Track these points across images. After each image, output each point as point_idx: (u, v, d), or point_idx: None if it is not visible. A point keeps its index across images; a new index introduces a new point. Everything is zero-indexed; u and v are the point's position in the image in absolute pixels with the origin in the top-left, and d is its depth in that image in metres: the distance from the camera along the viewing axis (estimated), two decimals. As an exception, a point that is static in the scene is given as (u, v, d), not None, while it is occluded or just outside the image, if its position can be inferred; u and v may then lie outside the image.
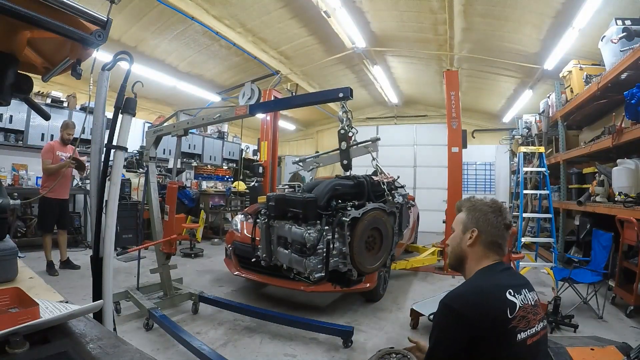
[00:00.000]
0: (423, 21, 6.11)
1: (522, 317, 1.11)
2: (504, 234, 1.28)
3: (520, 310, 1.11)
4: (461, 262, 1.31)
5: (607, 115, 5.17)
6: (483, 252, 1.26)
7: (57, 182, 4.37)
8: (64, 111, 6.39)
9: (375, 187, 1.82)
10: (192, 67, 7.72)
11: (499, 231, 1.26)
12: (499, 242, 1.27)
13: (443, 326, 1.15)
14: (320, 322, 3.01)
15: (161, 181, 6.47)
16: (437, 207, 8.84)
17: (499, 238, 1.26)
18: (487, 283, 1.17)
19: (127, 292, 3.33)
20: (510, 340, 1.08)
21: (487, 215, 1.27)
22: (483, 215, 1.28)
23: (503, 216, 1.28)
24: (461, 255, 1.30)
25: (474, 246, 1.27)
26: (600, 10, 4.32)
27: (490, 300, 1.11)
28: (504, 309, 1.09)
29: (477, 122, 10.58)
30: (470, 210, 1.32)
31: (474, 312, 1.09)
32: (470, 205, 1.33)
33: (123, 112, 1.56)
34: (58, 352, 0.67)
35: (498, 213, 1.28)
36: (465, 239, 1.28)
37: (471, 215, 1.30)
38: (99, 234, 1.48)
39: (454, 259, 1.34)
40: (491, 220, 1.27)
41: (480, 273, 1.23)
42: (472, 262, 1.27)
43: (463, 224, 1.32)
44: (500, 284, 1.16)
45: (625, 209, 3.64)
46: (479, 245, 1.26)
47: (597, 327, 3.25)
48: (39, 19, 0.93)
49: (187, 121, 3.04)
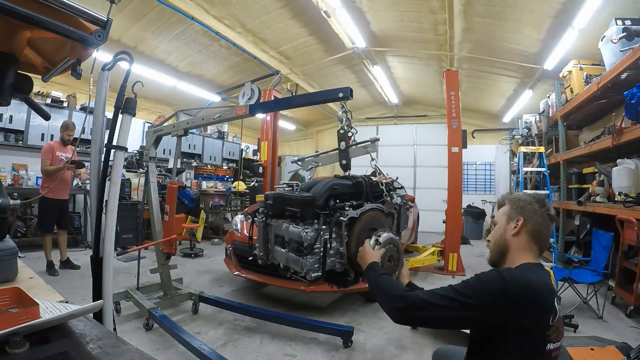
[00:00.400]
0: (423, 21, 6.11)
1: (557, 329, 1.07)
2: (549, 225, 1.23)
3: (557, 321, 1.07)
4: (503, 255, 1.24)
5: (607, 115, 5.17)
6: (527, 242, 1.20)
7: (56, 183, 4.37)
8: (64, 111, 6.39)
9: (374, 187, 1.81)
10: (192, 67, 7.72)
11: (544, 220, 1.22)
12: (544, 232, 1.22)
13: (485, 283, 1.06)
14: (320, 322, 3.01)
15: (161, 181, 6.47)
16: (437, 207, 8.84)
17: (544, 228, 1.22)
18: (541, 282, 1.08)
19: (127, 292, 3.33)
20: (540, 347, 1.04)
21: (532, 205, 1.24)
22: (528, 204, 1.24)
23: (547, 207, 1.24)
24: (504, 247, 1.24)
25: (518, 235, 1.21)
26: (600, 10, 4.32)
27: (543, 299, 1.05)
28: (550, 314, 1.05)
29: (477, 122, 10.57)
30: (514, 202, 1.28)
31: (523, 300, 1.02)
32: (514, 197, 1.30)
33: (123, 112, 1.56)
34: (58, 352, 0.67)
35: (542, 204, 1.24)
36: (510, 228, 1.23)
37: (515, 205, 1.26)
38: (99, 234, 1.48)
39: (496, 252, 1.26)
40: (536, 209, 1.22)
41: (530, 267, 1.15)
42: (514, 254, 1.21)
43: (507, 214, 1.27)
44: (550, 288, 1.09)
45: (625, 209, 3.64)
46: (524, 235, 1.21)
47: (597, 327, 3.25)
48: (39, 19, 0.93)
49: (187, 121, 3.04)
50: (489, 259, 1.30)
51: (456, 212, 5.57)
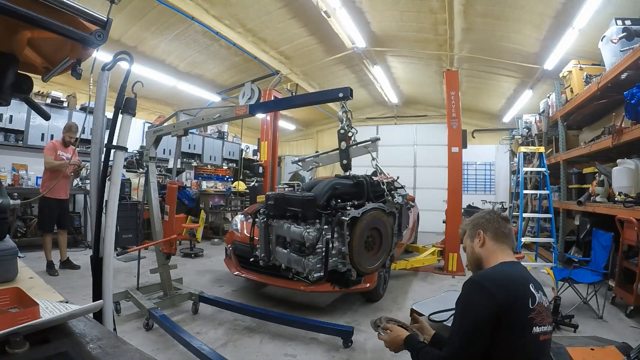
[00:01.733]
0: (423, 21, 6.11)
1: (539, 313, 1.16)
2: (505, 224, 1.41)
3: (538, 305, 1.17)
4: (480, 266, 1.39)
5: (607, 115, 5.17)
6: (495, 245, 1.37)
7: (56, 182, 4.37)
8: (64, 111, 6.39)
9: (374, 187, 1.81)
10: (192, 67, 7.72)
11: (499, 223, 1.40)
12: (504, 231, 1.39)
13: (471, 301, 1.20)
14: (320, 322, 3.01)
15: (161, 181, 6.47)
16: (437, 207, 8.84)
17: (503, 228, 1.39)
18: (513, 271, 1.25)
19: (127, 292, 3.33)
20: (526, 330, 1.13)
21: (484, 217, 1.44)
22: (481, 219, 1.45)
23: (497, 213, 1.45)
24: (478, 259, 1.40)
25: (484, 245, 1.39)
26: (600, 10, 4.32)
27: (516, 285, 1.19)
28: (526, 297, 1.16)
29: (477, 122, 10.57)
30: (469, 224, 1.48)
31: (502, 291, 1.15)
32: (467, 222, 1.51)
33: (123, 112, 1.56)
34: (58, 352, 0.67)
35: (492, 213, 1.45)
36: (476, 244, 1.41)
37: (471, 225, 1.46)
38: (99, 234, 1.48)
39: (473, 266, 1.44)
40: (489, 218, 1.43)
41: (503, 264, 1.30)
42: (488, 260, 1.36)
43: (470, 236, 1.46)
44: (524, 276, 1.25)
45: (625, 209, 3.64)
46: (489, 242, 1.38)
47: (597, 327, 3.25)
48: (39, 19, 0.93)
49: (187, 121, 3.04)
50: (472, 271, 1.46)
51: (456, 212, 5.57)
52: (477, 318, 1.16)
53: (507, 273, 1.23)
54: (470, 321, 1.17)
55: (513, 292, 1.16)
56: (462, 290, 1.25)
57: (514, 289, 1.17)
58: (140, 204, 6.34)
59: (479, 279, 1.22)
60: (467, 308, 1.20)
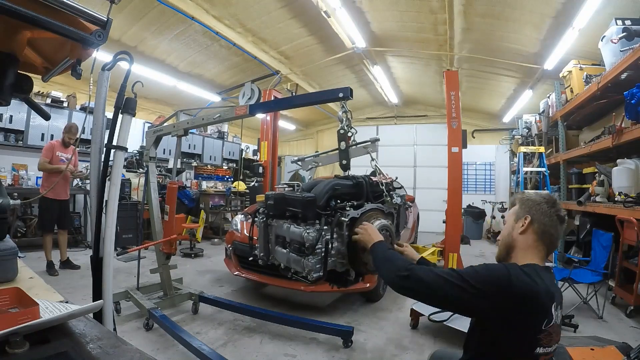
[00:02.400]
0: (423, 21, 6.11)
1: (549, 334, 1.07)
2: (558, 226, 1.22)
3: (552, 326, 1.07)
4: (509, 252, 1.25)
5: (607, 115, 5.17)
6: (534, 241, 1.21)
7: (56, 183, 4.38)
8: (64, 111, 6.39)
9: (374, 187, 1.82)
10: (192, 67, 7.72)
11: (552, 221, 1.21)
12: (552, 232, 1.21)
13: (491, 271, 1.09)
14: (320, 322, 3.01)
15: (161, 181, 6.48)
16: (437, 207, 8.84)
17: (552, 229, 1.21)
18: (542, 283, 1.08)
19: (127, 292, 3.33)
20: (530, 350, 1.06)
21: (541, 205, 1.24)
22: (536, 204, 1.24)
23: (557, 208, 1.24)
24: (510, 245, 1.25)
25: (525, 233, 1.22)
26: (600, 10, 4.32)
27: (539, 304, 1.06)
28: (543, 318, 1.05)
29: (477, 122, 10.57)
30: (524, 201, 1.28)
31: (523, 298, 1.03)
32: (524, 197, 1.31)
33: (123, 112, 1.56)
34: (58, 352, 0.67)
35: (552, 204, 1.24)
36: (517, 226, 1.24)
37: (524, 205, 1.27)
38: (99, 234, 1.48)
39: (503, 249, 1.28)
40: (544, 210, 1.22)
41: (537, 268, 1.14)
42: (520, 252, 1.22)
43: (515, 214, 1.28)
44: (552, 292, 1.10)
45: (625, 209, 3.64)
46: (531, 234, 1.21)
47: (597, 327, 3.26)
48: (39, 19, 0.93)
49: (187, 121, 3.04)
50: (496, 255, 1.32)
51: (456, 212, 5.56)
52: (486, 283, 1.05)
53: (536, 283, 1.07)
54: (480, 280, 1.06)
55: (534, 307, 1.05)
56: (490, 264, 1.14)
57: (536, 304, 1.05)
58: (140, 204, 6.34)
59: (512, 269, 1.09)
60: (488, 272, 1.08)
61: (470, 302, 1.06)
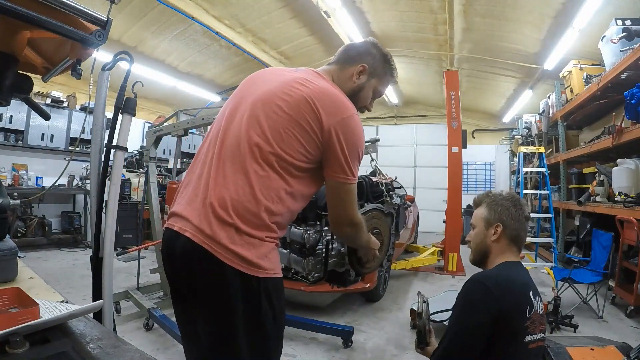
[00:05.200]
0: (423, 21, 6.11)
1: (533, 321, 1.13)
2: (525, 226, 1.31)
3: (534, 313, 1.14)
4: (484, 257, 1.32)
5: (607, 115, 5.16)
6: (507, 246, 1.29)
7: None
8: (64, 111, 6.40)
9: (373, 187, 1.82)
10: (192, 67, 7.72)
11: (521, 224, 1.29)
12: (522, 235, 1.30)
13: (471, 299, 1.16)
14: (320, 322, 3.01)
15: (161, 181, 6.47)
16: (437, 207, 8.83)
17: (522, 231, 1.30)
18: (516, 276, 1.20)
19: (127, 292, 3.33)
20: (519, 339, 1.11)
21: (509, 210, 1.29)
22: (505, 210, 1.29)
23: (523, 209, 1.31)
24: (485, 251, 1.31)
25: (498, 241, 1.28)
26: (600, 10, 4.32)
27: (517, 291, 1.15)
28: (525, 305, 1.13)
29: (477, 122, 10.57)
30: (492, 206, 1.32)
31: (503, 294, 1.11)
32: (491, 200, 1.34)
33: (123, 112, 1.55)
34: (58, 352, 0.67)
35: (518, 206, 1.30)
36: (490, 234, 1.30)
37: (493, 210, 1.31)
38: (99, 234, 1.48)
39: (477, 255, 1.35)
40: (513, 214, 1.28)
41: (506, 265, 1.25)
42: (495, 257, 1.30)
43: (485, 220, 1.32)
44: (526, 281, 1.19)
45: (625, 209, 3.64)
46: (504, 239, 1.28)
47: (597, 327, 3.25)
48: (39, 19, 0.93)
49: (187, 121, 3.04)
50: (470, 259, 1.38)
51: (456, 212, 5.57)
52: (477, 319, 1.12)
53: (511, 277, 1.19)
54: (470, 322, 1.14)
55: (513, 297, 1.13)
56: (463, 289, 1.21)
57: (514, 294, 1.14)
58: (140, 204, 6.34)
59: (482, 279, 1.18)
60: (468, 307, 1.17)
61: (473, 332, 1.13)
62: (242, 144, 1.04)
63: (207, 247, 0.97)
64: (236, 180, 1.01)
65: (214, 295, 1.00)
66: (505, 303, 1.11)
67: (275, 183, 1.02)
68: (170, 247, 1.07)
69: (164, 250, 1.11)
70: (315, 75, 1.17)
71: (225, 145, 1.07)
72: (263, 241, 1.01)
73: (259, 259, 0.99)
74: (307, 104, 1.04)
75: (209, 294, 1.01)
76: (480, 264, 1.34)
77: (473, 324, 1.13)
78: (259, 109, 1.07)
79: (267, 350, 1.04)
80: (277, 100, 1.06)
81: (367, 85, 1.25)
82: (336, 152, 1.05)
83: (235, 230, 0.97)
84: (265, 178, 1.01)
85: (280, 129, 1.03)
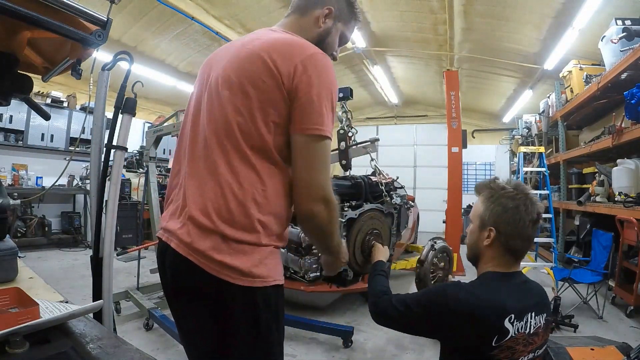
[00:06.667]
0: (423, 21, 6.11)
1: (508, 348, 1.00)
2: (528, 232, 1.08)
3: (510, 340, 1.00)
4: (476, 260, 1.18)
5: (607, 115, 5.16)
6: (500, 254, 1.10)
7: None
8: (64, 111, 6.40)
9: (373, 187, 1.82)
10: (192, 67, 7.72)
11: (522, 231, 1.07)
12: (520, 244, 1.09)
13: (429, 302, 1.11)
14: (320, 322, 3.01)
15: (161, 181, 6.47)
16: (437, 207, 8.83)
17: (521, 239, 1.08)
18: (492, 299, 1.03)
19: (127, 292, 3.33)
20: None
21: (508, 212, 1.06)
22: (503, 211, 1.07)
23: (529, 210, 1.06)
24: (477, 253, 1.16)
25: (491, 247, 1.10)
26: (600, 10, 4.32)
27: (481, 319, 1.00)
28: (492, 335, 0.99)
29: (477, 122, 10.57)
30: (490, 202, 1.11)
31: (465, 316, 1.01)
32: (490, 194, 1.13)
33: (123, 112, 1.55)
34: (58, 352, 0.67)
35: (522, 207, 1.06)
36: (483, 237, 1.11)
37: (490, 208, 1.10)
38: (99, 234, 1.48)
39: (470, 254, 1.21)
40: (512, 218, 1.06)
41: (491, 279, 1.09)
42: (485, 264, 1.14)
43: (480, 218, 1.13)
44: (504, 306, 1.01)
45: (625, 209, 3.64)
46: (497, 247, 1.09)
47: (597, 327, 3.25)
48: (39, 19, 0.94)
49: (187, 121, 3.03)
50: (467, 256, 1.25)
51: (456, 212, 5.57)
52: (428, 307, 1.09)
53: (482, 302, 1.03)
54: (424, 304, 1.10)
55: (475, 326, 1.01)
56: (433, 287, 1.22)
57: (479, 322, 1.00)
58: (140, 204, 6.34)
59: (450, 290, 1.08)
60: (422, 306, 1.10)
61: (417, 324, 1.14)
62: (208, 140, 0.92)
63: (192, 259, 0.87)
64: (213, 180, 0.90)
65: (206, 312, 0.93)
66: (462, 327, 1.02)
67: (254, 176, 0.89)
68: (161, 257, 1.00)
69: (157, 260, 1.04)
70: (266, 30, 1.03)
71: (195, 142, 0.97)
72: (256, 246, 0.89)
73: (253, 267, 0.87)
74: (259, 59, 0.88)
75: (201, 311, 0.94)
76: (474, 264, 1.22)
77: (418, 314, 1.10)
78: (214, 96, 0.94)
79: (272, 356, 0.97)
80: (227, 78, 0.92)
81: (334, 29, 1.08)
82: (301, 96, 0.87)
83: (220, 238, 0.87)
84: (243, 173, 0.88)
85: (242, 108, 0.88)
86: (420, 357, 2.71)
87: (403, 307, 1.13)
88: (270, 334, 0.93)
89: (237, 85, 0.90)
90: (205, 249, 0.87)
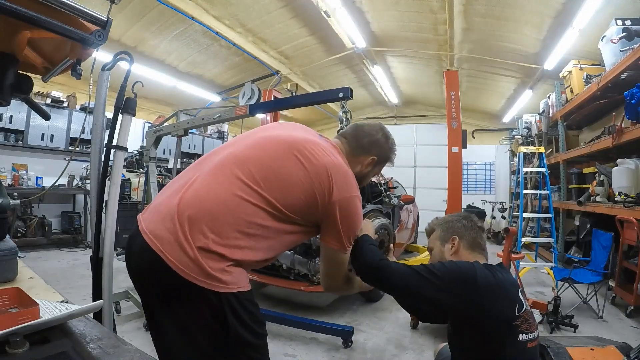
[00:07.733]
0: (423, 21, 6.11)
1: (525, 320, 1.11)
2: (481, 235, 1.31)
3: (525, 312, 1.12)
4: None
5: (607, 115, 5.17)
6: (469, 255, 1.26)
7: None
8: (64, 111, 6.39)
9: (373, 187, 1.82)
10: (192, 67, 7.72)
11: (476, 233, 1.29)
12: (480, 242, 1.29)
13: (459, 273, 1.12)
14: (320, 322, 3.00)
15: (161, 181, 6.46)
16: (437, 207, 8.81)
17: (479, 238, 1.29)
18: (502, 276, 1.16)
19: (127, 292, 3.33)
20: (512, 338, 1.09)
21: (460, 222, 1.31)
22: (456, 223, 1.31)
23: (474, 221, 1.32)
24: None
25: (457, 253, 1.27)
26: (600, 10, 4.32)
27: (504, 290, 1.12)
28: (514, 304, 1.10)
29: (477, 122, 10.58)
30: (443, 225, 1.34)
31: (490, 290, 1.09)
32: (441, 221, 1.37)
33: (123, 112, 1.55)
34: (58, 352, 0.68)
35: (469, 220, 1.32)
36: (447, 250, 1.29)
37: (445, 227, 1.33)
38: (99, 234, 1.48)
39: None
40: (466, 225, 1.30)
41: (487, 265, 1.20)
42: None
43: (440, 238, 1.33)
44: (513, 281, 1.18)
45: (625, 209, 3.64)
46: (463, 251, 1.27)
47: (597, 327, 3.25)
48: (39, 19, 0.94)
49: (187, 121, 3.04)
50: None
51: (456, 212, 5.55)
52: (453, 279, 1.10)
53: (497, 277, 1.14)
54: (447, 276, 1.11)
55: (500, 296, 1.11)
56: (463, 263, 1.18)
57: (502, 292, 1.11)
58: (140, 204, 6.33)
59: (476, 268, 1.14)
60: (454, 268, 1.14)
61: (435, 294, 1.11)
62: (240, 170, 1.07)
63: (160, 254, 0.96)
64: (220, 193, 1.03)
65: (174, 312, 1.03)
66: (489, 299, 1.09)
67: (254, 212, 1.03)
68: (130, 246, 1.08)
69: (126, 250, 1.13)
70: (332, 147, 1.25)
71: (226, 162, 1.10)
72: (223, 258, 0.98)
73: (218, 272, 0.96)
74: (325, 173, 1.11)
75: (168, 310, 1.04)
76: None
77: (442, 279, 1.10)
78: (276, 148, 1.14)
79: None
80: (301, 149, 1.12)
81: (372, 172, 1.36)
82: (336, 224, 1.12)
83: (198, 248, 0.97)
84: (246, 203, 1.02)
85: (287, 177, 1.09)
86: (420, 357, 2.71)
87: (425, 272, 1.13)
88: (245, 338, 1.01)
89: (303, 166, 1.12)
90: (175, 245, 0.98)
